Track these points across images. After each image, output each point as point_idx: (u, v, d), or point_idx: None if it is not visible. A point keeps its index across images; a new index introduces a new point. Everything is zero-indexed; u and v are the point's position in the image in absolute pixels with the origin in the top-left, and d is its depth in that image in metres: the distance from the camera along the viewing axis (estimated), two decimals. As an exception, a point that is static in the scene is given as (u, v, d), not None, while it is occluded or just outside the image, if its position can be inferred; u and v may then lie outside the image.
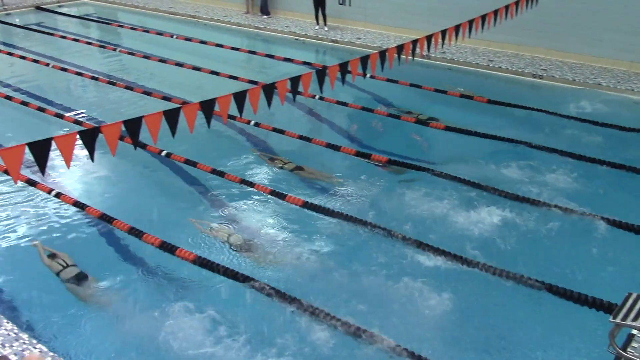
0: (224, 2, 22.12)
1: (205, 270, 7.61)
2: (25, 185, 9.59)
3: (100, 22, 21.67)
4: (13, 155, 5.98)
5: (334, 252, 8.04)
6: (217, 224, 8.71)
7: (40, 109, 12.83)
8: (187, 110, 7.33)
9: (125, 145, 7.75)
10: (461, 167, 10.25)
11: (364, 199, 9.35)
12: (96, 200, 9.32)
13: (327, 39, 18.06)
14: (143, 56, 16.85)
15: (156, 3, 22.96)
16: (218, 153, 10.92)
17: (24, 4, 23.32)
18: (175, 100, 13.02)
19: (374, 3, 18.44)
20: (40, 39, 19.14)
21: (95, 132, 6.63)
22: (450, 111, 12.72)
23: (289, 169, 10.32)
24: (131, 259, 8.09)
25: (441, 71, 15.40)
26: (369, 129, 12.33)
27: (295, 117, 12.51)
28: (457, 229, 8.53)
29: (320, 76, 9.13)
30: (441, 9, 16.83)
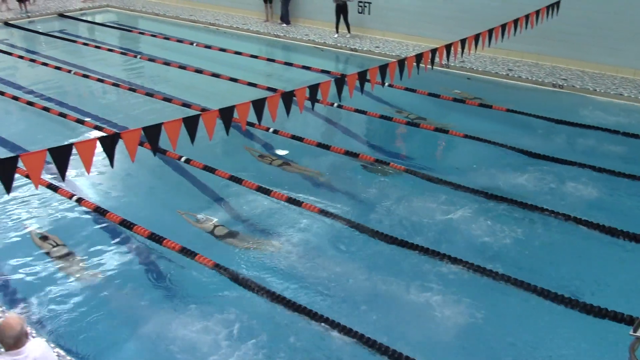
0: (244, 10, 22.26)
1: (222, 277, 7.64)
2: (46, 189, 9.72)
3: (121, 29, 21.90)
4: (34, 161, 6.05)
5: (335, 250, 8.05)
6: (202, 215, 9.00)
7: (61, 114, 12.97)
8: (207, 117, 7.38)
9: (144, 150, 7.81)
10: (479, 176, 10.21)
11: (381, 208, 9.34)
12: (115, 206, 9.41)
13: (346, 47, 18.09)
14: (163, 63, 17.00)
15: (177, 11, 23.16)
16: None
17: (47, 11, 23.64)
18: (195, 107, 13.11)
19: (393, 12, 18.45)
20: (63, 46, 19.38)
21: (116, 139, 6.69)
22: (468, 120, 12.67)
23: (277, 164, 10.71)
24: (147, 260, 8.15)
25: (460, 80, 15.35)
26: (387, 137, 12.30)
27: (313, 125, 12.52)
28: (474, 239, 8.49)
29: (339, 84, 9.16)
30: (461, 18, 16.80)
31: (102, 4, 25.10)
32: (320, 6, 19.96)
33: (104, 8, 24.87)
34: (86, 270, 7.87)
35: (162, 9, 23.64)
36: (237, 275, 7.60)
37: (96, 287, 7.56)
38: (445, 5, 17.22)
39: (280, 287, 7.48)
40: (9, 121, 13.10)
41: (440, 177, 10.11)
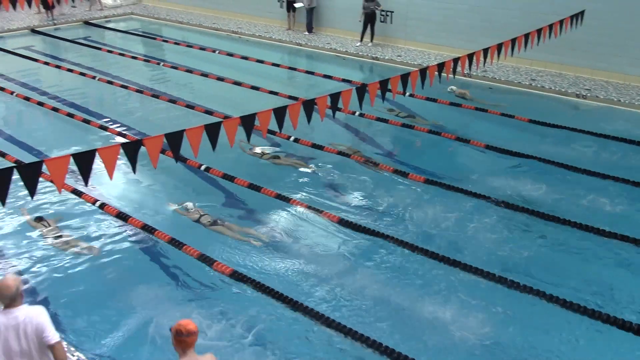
0: (266, 18, 22.39)
1: (240, 283, 7.66)
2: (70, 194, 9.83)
3: (145, 36, 22.14)
4: (58, 166, 6.12)
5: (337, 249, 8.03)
6: (191, 204, 9.37)
7: (85, 120, 13.13)
8: (228, 124, 7.42)
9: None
10: (498, 186, 10.15)
11: (409, 218, 9.32)
12: (137, 211, 9.49)
13: (367, 56, 18.10)
14: (186, 70, 17.14)
15: (200, 19, 23.36)
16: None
17: (72, 19, 23.98)
18: (217, 114, 13.19)
19: (415, 21, 18.44)
20: (88, 53, 19.64)
21: (138, 145, 6.75)
22: (490, 129, 12.60)
23: (267, 158, 11.16)
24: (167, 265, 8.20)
25: (482, 89, 15.27)
26: (407, 146, 12.26)
27: (334, 133, 12.52)
28: (493, 248, 8.44)
29: (360, 93, 9.16)
30: (483, 27, 16.73)
31: (126, 11, 25.41)
32: (342, 15, 20.01)
33: (128, 16, 25.17)
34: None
35: (185, 17, 23.86)
36: (258, 284, 7.62)
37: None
38: (468, 15, 17.17)
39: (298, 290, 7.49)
40: (34, 126, 13.27)
41: (460, 186, 10.05)
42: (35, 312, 4.92)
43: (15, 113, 14.22)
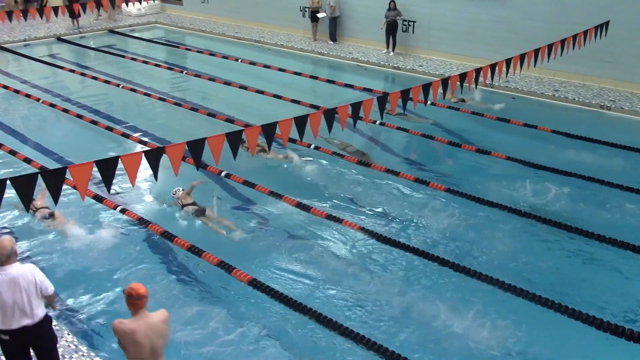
0: (289, 28, 22.50)
1: (259, 292, 7.67)
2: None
3: (168, 45, 22.37)
4: (81, 172, 6.20)
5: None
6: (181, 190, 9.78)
7: (108, 128, 13.28)
8: (249, 132, 7.47)
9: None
10: (519, 196, 10.08)
11: (431, 231, 9.29)
12: (159, 218, 9.57)
13: (389, 65, 18.10)
14: (208, 79, 17.27)
15: (223, 28, 23.55)
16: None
17: (98, 27, 24.31)
18: (238, 122, 13.27)
19: (437, 31, 18.40)
20: (112, 61, 19.89)
21: (160, 152, 6.81)
22: (511, 140, 12.51)
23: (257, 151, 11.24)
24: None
25: (505, 100, 15.18)
26: (428, 156, 12.21)
27: (355, 142, 12.52)
28: (512, 258, 8.37)
29: (382, 102, 9.16)
30: (506, 37, 16.64)
31: (150, 20, 25.70)
32: (364, 25, 20.05)
33: (152, 25, 25.45)
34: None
35: (208, 26, 24.07)
36: (275, 292, 7.63)
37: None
38: (491, 25, 17.09)
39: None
40: (59, 133, 13.45)
41: (480, 196, 9.99)
42: (28, 269, 5.54)
43: (41, 120, 14.43)
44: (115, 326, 5.15)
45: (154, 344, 5.15)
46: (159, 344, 5.19)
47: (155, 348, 5.17)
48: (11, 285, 5.37)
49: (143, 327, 5.08)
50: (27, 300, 5.43)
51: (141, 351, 5.11)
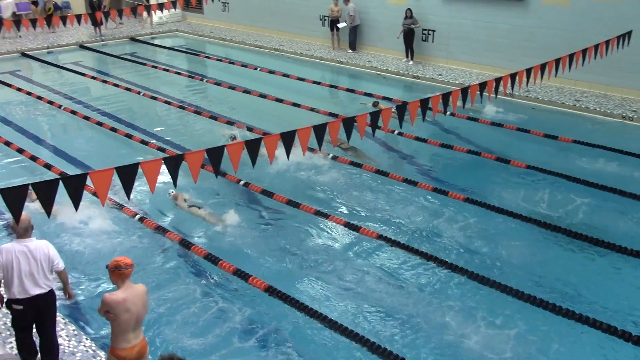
0: (308, 36, 22.57)
1: (277, 299, 7.66)
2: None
3: (189, 53, 22.55)
4: (102, 179, 6.24)
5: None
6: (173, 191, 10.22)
7: (128, 135, 13.39)
8: (268, 140, 7.48)
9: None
10: (540, 206, 10.00)
11: (450, 239, 9.24)
12: (178, 226, 9.62)
13: (408, 74, 18.07)
14: (228, 87, 17.37)
15: (242, 36, 23.68)
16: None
17: (119, 35, 24.58)
18: (257, 130, 13.31)
19: (457, 40, 18.35)
20: (133, 69, 20.09)
21: (180, 159, 6.84)
22: (532, 150, 12.41)
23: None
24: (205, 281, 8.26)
25: (525, 110, 15.08)
26: (447, 166, 12.15)
27: (373, 152, 12.51)
28: (534, 269, 8.29)
29: (401, 111, 9.14)
30: (526, 47, 16.55)
31: (171, 28, 25.93)
32: (384, 34, 20.06)
33: (173, 33, 25.68)
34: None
35: (228, 34, 24.23)
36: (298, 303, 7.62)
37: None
38: (511, 35, 17.01)
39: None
40: (79, 139, 13.58)
41: (499, 205, 9.92)
42: (44, 244, 6.19)
43: (62, 126, 14.59)
44: (107, 298, 5.52)
45: (139, 313, 5.63)
46: (142, 313, 5.67)
47: (140, 317, 5.65)
48: (28, 256, 6.01)
49: (131, 296, 5.56)
50: (41, 272, 6.07)
51: (129, 319, 5.54)
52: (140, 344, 5.73)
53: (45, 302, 6.16)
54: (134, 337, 5.64)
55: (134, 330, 5.63)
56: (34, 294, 6.05)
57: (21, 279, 6.00)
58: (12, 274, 5.99)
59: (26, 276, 6.01)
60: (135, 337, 5.66)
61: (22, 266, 5.99)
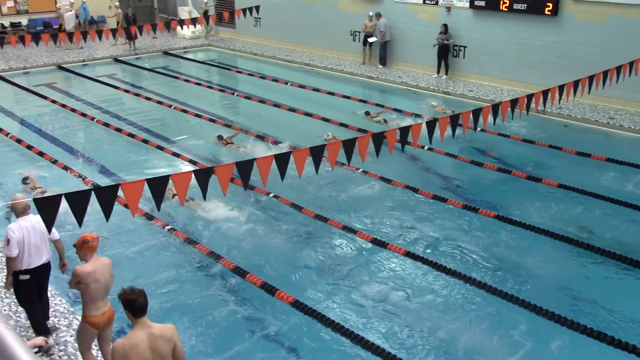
0: (339, 51, 22.65)
1: (302, 314, 7.64)
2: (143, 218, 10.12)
3: (221, 67, 22.79)
4: (133, 190, 6.32)
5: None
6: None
7: (159, 147, 13.56)
8: (297, 155, 7.50)
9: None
10: (570, 225, 9.84)
11: (468, 252, 9.14)
12: (207, 238, 9.68)
13: (438, 90, 18.01)
14: (258, 101, 17.48)
15: (274, 51, 23.87)
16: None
17: (153, 49, 24.97)
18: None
19: (488, 56, 18.25)
20: (165, 82, 20.37)
21: (210, 172, 6.90)
22: (564, 168, 12.24)
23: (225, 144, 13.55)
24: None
25: (557, 127, 14.90)
26: (477, 182, 12.04)
27: (403, 167, 12.46)
28: (564, 288, 8.14)
29: (431, 127, 9.10)
30: (559, 63, 16.39)
31: (204, 43, 26.26)
32: (414, 49, 20.04)
33: (205, 47, 26.00)
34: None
35: (260, 49, 24.44)
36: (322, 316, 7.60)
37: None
38: (543, 51, 16.86)
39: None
40: (111, 151, 13.76)
41: (531, 223, 9.78)
42: (40, 218, 6.46)
43: (94, 137, 14.81)
44: (78, 270, 5.99)
45: (107, 282, 6.08)
46: (109, 282, 6.11)
47: (108, 286, 6.10)
48: (33, 230, 6.69)
49: (100, 267, 6.04)
50: (43, 243, 6.80)
51: (98, 289, 6.00)
52: (109, 311, 6.19)
53: (45, 271, 6.96)
54: (103, 304, 6.11)
55: (102, 298, 6.09)
56: (39, 264, 6.78)
57: (30, 251, 6.68)
58: (24, 248, 6.65)
59: (34, 248, 6.71)
60: (104, 305, 6.13)
61: (31, 239, 6.68)
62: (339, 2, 22.10)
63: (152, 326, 5.03)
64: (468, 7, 18.28)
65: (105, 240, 8.99)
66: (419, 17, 19.70)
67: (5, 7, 25.85)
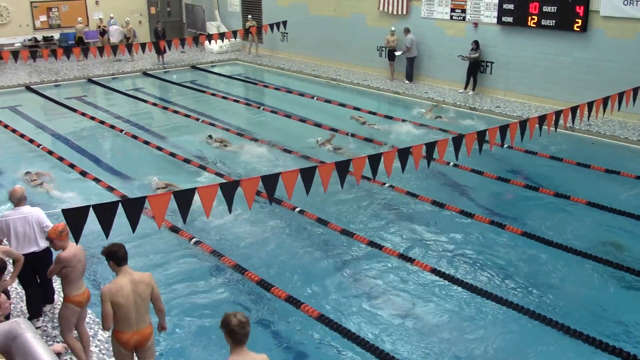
0: (365, 67, 22.71)
1: (329, 329, 7.61)
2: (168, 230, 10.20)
3: (247, 81, 22.99)
4: (160, 203, 6.39)
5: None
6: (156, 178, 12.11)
7: (186, 160, 13.68)
8: (323, 169, 7.52)
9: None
10: (599, 243, 9.68)
11: (498, 270, 9.04)
12: (231, 250, 9.71)
13: (465, 105, 17.93)
14: (285, 115, 17.56)
15: (300, 66, 24.00)
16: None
17: (181, 63, 25.29)
18: (313, 159, 13.39)
19: (516, 72, 18.14)
20: (193, 96, 20.59)
21: (235, 186, 6.94)
22: (593, 186, 12.07)
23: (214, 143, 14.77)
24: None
25: (585, 144, 14.72)
26: (504, 199, 11.92)
27: (428, 182, 12.40)
28: (594, 307, 8.00)
29: (457, 143, 9.06)
30: (588, 80, 16.22)
31: (231, 57, 26.52)
32: (441, 64, 20.01)
33: (232, 61, 26.25)
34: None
35: (286, 64, 24.60)
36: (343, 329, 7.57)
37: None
38: (571, 67, 16.71)
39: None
40: (139, 163, 13.90)
41: (559, 241, 9.65)
42: (36, 210, 7.48)
43: (123, 150, 15.00)
44: (63, 256, 6.54)
45: (84, 263, 6.79)
46: (85, 263, 6.81)
47: (83, 270, 6.77)
48: (23, 220, 7.27)
49: (78, 250, 6.65)
50: (33, 233, 7.33)
51: (81, 269, 6.70)
52: (87, 290, 6.87)
53: (39, 259, 7.40)
54: (81, 284, 6.76)
55: (81, 278, 6.76)
56: (30, 251, 7.29)
57: (18, 239, 7.28)
58: (10, 235, 7.26)
59: (22, 236, 7.30)
60: (82, 284, 6.80)
61: (20, 229, 7.28)
62: (366, 18, 22.19)
63: (132, 273, 5.91)
64: (495, 23, 18.22)
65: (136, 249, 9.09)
66: (446, 32, 19.68)
67: (39, 21, 26.42)
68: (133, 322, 5.89)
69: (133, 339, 5.92)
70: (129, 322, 5.87)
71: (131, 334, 5.90)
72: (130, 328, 5.89)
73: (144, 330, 5.98)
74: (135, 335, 5.93)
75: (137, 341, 5.95)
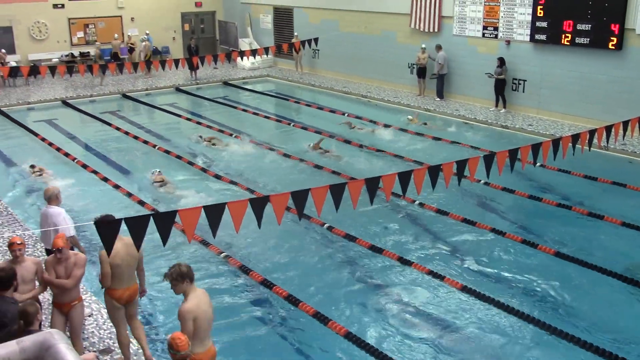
0: (396, 84, 22.70)
1: (353, 345, 7.56)
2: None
3: (278, 97, 23.15)
4: (190, 216, 6.44)
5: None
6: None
7: (216, 175, 13.79)
8: (353, 185, 7.51)
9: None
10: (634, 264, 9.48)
11: (532, 291, 8.90)
12: (258, 265, 9.73)
13: (496, 124, 17.78)
14: (315, 131, 17.60)
15: (331, 83, 24.09)
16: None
17: (213, 79, 25.59)
18: (343, 175, 13.39)
19: (549, 90, 17.96)
20: (225, 111, 20.80)
21: (265, 201, 6.97)
22: (629, 206, 11.83)
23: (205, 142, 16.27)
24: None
25: (620, 163, 14.47)
26: (535, 218, 11.75)
27: (459, 200, 12.30)
28: (629, 328, 7.82)
29: (488, 161, 8.98)
30: (623, 98, 15.97)
31: (262, 73, 26.76)
32: (472, 82, 19.91)
33: (264, 77, 26.48)
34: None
35: (317, 80, 24.72)
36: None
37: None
38: (606, 85, 16.48)
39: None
40: (171, 178, 14.02)
41: (592, 262, 9.47)
42: (57, 211, 8.03)
43: (155, 165, 15.16)
44: (46, 261, 7.01)
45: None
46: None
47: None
48: (45, 218, 8.04)
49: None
50: (48, 232, 7.94)
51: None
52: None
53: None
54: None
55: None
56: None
57: (42, 234, 8.25)
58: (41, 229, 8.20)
59: (42, 233, 8.22)
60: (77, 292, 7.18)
61: (42, 225, 8.17)
62: (397, 35, 22.22)
63: (123, 239, 6.60)
64: (528, 41, 18.09)
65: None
66: (478, 50, 19.60)
67: (76, 37, 27.01)
68: (125, 279, 6.86)
69: (125, 294, 6.89)
70: (122, 280, 6.84)
71: (123, 290, 6.86)
72: (122, 285, 6.85)
73: (134, 286, 7.02)
74: (127, 291, 6.91)
75: (128, 296, 6.92)
